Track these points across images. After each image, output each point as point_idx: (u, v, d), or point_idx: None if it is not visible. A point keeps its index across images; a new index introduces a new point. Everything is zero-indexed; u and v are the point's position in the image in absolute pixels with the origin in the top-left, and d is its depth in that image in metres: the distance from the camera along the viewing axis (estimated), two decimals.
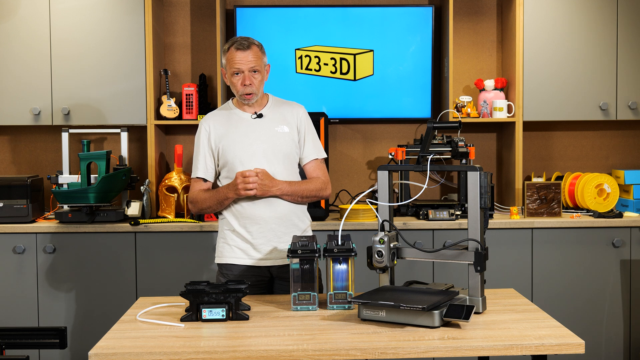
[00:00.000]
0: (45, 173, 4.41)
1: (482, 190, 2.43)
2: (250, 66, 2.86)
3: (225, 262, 2.93)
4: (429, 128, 3.84)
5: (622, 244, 3.98)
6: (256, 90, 2.89)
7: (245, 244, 2.90)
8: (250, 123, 2.94)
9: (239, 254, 2.91)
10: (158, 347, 2.13)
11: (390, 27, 4.35)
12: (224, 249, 2.94)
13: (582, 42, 4.21)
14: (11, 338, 2.58)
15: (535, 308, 2.53)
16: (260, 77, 2.90)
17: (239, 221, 2.89)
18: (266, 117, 2.95)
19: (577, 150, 4.57)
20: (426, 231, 3.93)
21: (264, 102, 3.00)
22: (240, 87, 2.88)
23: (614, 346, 4.01)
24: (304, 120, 2.99)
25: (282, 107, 3.00)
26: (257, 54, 2.89)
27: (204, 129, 2.97)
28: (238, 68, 2.86)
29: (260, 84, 2.91)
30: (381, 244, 2.46)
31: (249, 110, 2.96)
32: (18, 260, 3.90)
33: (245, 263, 2.90)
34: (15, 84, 4.10)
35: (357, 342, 2.15)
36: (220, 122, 2.96)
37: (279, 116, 2.97)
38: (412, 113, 4.40)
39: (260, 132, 2.92)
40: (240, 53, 2.85)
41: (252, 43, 2.89)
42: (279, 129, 2.93)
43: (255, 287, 2.89)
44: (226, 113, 2.99)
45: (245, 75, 2.86)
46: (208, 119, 2.99)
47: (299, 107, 3.03)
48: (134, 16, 4.10)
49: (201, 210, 2.94)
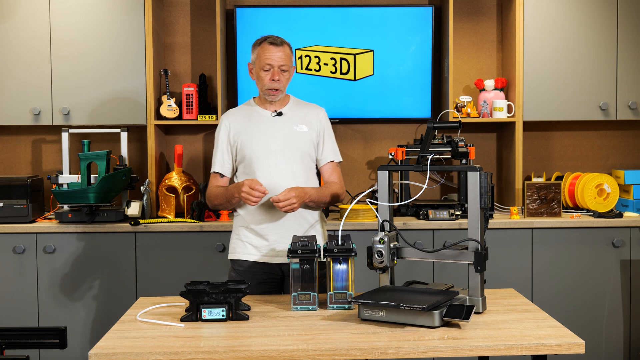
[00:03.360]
0: (45, 173, 4.41)
1: (482, 190, 2.43)
2: (281, 63, 2.91)
3: (236, 258, 2.98)
4: (429, 128, 3.84)
5: (622, 244, 3.98)
6: (282, 88, 2.94)
7: (258, 241, 2.93)
8: (270, 121, 2.97)
9: (250, 250, 2.95)
10: (158, 347, 2.13)
11: (390, 27, 4.35)
12: (236, 245, 2.99)
13: (582, 42, 4.21)
14: (11, 338, 2.57)
15: (535, 308, 2.53)
16: (287, 76, 2.96)
17: (253, 217, 2.93)
18: (286, 116, 2.99)
19: (577, 150, 4.57)
20: (426, 231, 3.93)
21: (285, 101, 3.04)
22: (267, 82, 2.92)
23: (614, 346, 4.01)
24: (323, 122, 3.04)
25: (303, 107, 3.05)
26: (288, 54, 2.95)
27: (224, 124, 3.01)
28: (269, 64, 2.90)
29: (286, 83, 2.97)
30: (381, 244, 2.46)
31: (270, 108, 3.00)
32: (18, 260, 3.90)
33: (256, 259, 2.93)
34: (15, 84, 4.10)
35: (357, 342, 2.15)
36: (241, 118, 3.00)
37: (299, 116, 3.00)
38: (412, 113, 4.40)
39: (279, 130, 2.95)
40: (274, 48, 2.91)
41: (285, 42, 2.96)
42: (297, 128, 2.97)
43: (265, 285, 2.92)
44: (247, 110, 3.03)
45: (274, 71, 2.91)
46: (229, 115, 3.04)
47: (319, 109, 3.07)
48: (134, 16, 4.10)
49: (214, 206, 3.00)
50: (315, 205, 2.95)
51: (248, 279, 2.92)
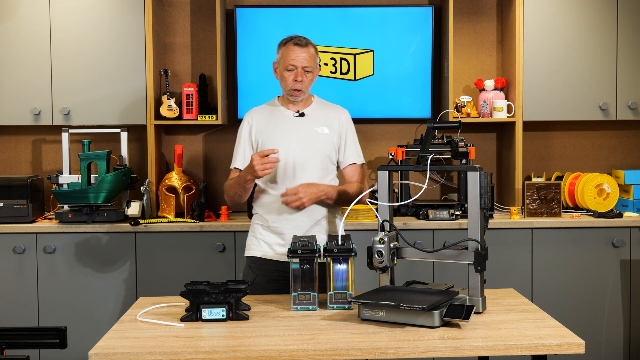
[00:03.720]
0: (45, 173, 4.41)
1: (482, 190, 2.43)
2: (305, 64, 2.92)
3: (250, 255, 3.00)
4: (429, 128, 3.82)
5: (622, 244, 3.98)
6: (305, 89, 2.95)
7: (271, 238, 2.94)
8: (292, 121, 2.98)
9: (264, 248, 2.96)
10: (158, 347, 2.13)
11: (390, 27, 4.35)
12: (251, 242, 3.01)
13: (582, 42, 4.21)
14: (11, 338, 2.57)
15: (535, 308, 2.53)
16: (310, 77, 2.96)
17: (271, 216, 2.94)
18: (308, 117, 3.00)
19: (577, 150, 4.57)
20: (426, 231, 3.93)
21: (309, 102, 3.05)
22: (290, 82, 2.93)
23: (614, 346, 4.01)
24: (345, 124, 3.04)
25: (326, 109, 3.06)
26: (312, 55, 2.95)
27: (247, 121, 3.03)
28: (293, 64, 2.91)
29: (309, 84, 2.97)
30: (381, 244, 2.46)
31: (293, 109, 3.01)
32: (18, 260, 3.90)
33: (268, 256, 2.95)
34: (15, 84, 4.10)
35: (357, 342, 2.15)
36: (264, 116, 3.02)
37: (322, 117, 3.01)
38: (412, 113, 4.40)
39: (300, 131, 2.96)
40: (298, 49, 2.92)
41: (309, 43, 2.96)
42: (319, 130, 2.98)
43: (277, 282, 2.92)
44: (270, 109, 3.04)
45: (298, 72, 2.92)
46: (252, 113, 3.05)
47: (343, 110, 3.08)
48: (134, 16, 4.10)
49: (231, 198, 2.99)
50: (333, 203, 2.93)
51: (260, 276, 2.94)
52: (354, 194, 2.96)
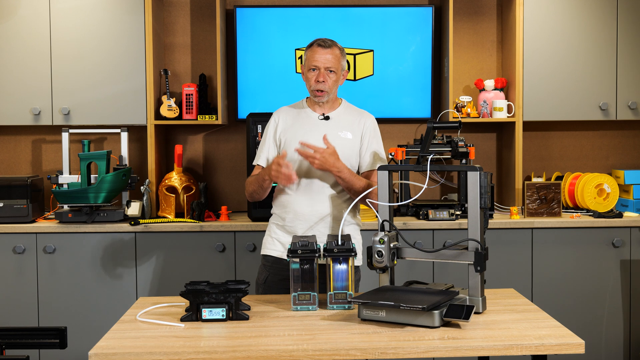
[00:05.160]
0: (45, 173, 4.41)
1: (482, 190, 2.43)
2: (327, 65, 2.91)
3: (264, 253, 3.02)
4: (429, 128, 3.84)
5: (622, 244, 3.98)
6: (328, 90, 2.93)
7: (286, 237, 2.95)
8: (316, 123, 2.98)
9: (277, 246, 2.98)
10: (158, 347, 2.13)
11: (390, 27, 4.35)
12: (266, 241, 3.03)
13: (582, 42, 4.21)
14: (11, 338, 2.57)
15: (535, 308, 2.53)
16: (335, 78, 2.94)
17: (288, 216, 2.94)
18: (332, 120, 2.99)
19: (577, 150, 4.57)
20: (426, 231, 3.93)
21: (336, 105, 3.04)
22: (313, 83, 2.93)
23: (614, 346, 4.01)
24: (369, 130, 3.02)
25: (352, 113, 3.04)
26: (337, 56, 2.94)
27: (273, 120, 3.04)
28: (315, 65, 2.91)
29: (334, 85, 2.95)
30: (381, 244, 2.46)
31: (318, 111, 3.01)
32: (18, 260, 3.90)
33: (281, 256, 2.96)
34: (15, 84, 4.10)
35: (357, 342, 2.15)
36: (290, 116, 3.02)
37: (346, 122, 3.00)
38: (412, 113, 4.40)
39: (323, 134, 2.93)
40: (321, 50, 2.92)
41: (334, 44, 2.96)
42: (342, 134, 2.97)
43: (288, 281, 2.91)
44: (297, 109, 3.05)
45: (320, 72, 2.91)
46: (280, 111, 3.06)
47: (368, 116, 3.06)
48: (134, 16, 4.10)
49: (250, 194, 3.00)
50: (344, 185, 2.89)
51: (273, 274, 2.96)
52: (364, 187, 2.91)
